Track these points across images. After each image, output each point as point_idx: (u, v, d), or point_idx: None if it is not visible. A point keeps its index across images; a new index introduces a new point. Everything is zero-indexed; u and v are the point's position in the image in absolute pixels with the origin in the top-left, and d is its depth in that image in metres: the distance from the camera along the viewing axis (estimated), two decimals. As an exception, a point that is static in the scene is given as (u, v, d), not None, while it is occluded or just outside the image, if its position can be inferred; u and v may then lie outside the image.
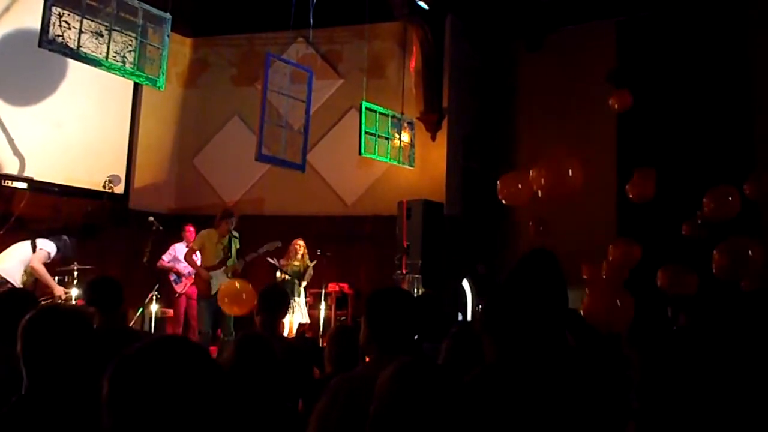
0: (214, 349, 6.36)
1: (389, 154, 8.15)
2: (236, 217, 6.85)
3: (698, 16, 7.74)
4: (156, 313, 7.40)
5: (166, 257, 7.98)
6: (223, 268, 6.66)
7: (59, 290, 6.25)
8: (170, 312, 7.87)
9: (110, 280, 3.55)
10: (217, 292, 6.35)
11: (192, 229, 7.94)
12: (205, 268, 6.65)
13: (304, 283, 7.82)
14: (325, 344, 7.57)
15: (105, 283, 3.48)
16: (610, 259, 5.82)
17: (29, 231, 7.28)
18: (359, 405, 2.01)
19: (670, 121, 7.66)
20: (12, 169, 7.62)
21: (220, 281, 6.50)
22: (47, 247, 6.22)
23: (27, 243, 6.23)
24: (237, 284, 5.44)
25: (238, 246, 6.88)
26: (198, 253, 6.77)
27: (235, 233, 6.85)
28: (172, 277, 7.96)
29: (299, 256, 7.80)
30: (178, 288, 7.92)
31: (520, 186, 5.56)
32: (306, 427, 2.05)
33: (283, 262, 7.76)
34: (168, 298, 7.94)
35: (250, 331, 3.25)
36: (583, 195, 7.88)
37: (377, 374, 2.11)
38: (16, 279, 6.03)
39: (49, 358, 1.84)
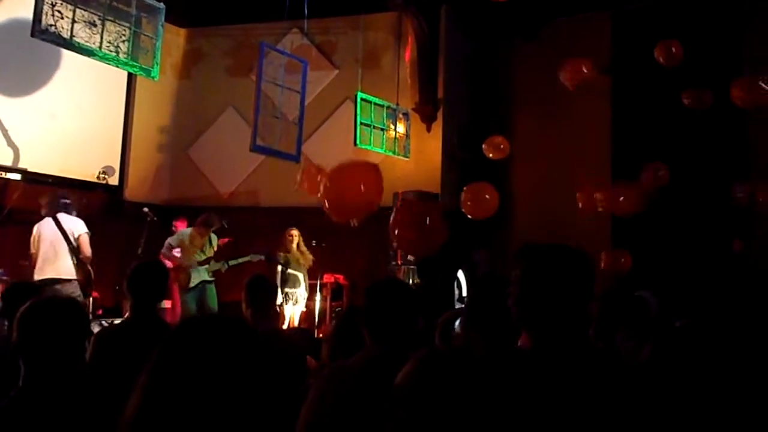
0: None
1: (384, 145, 8.14)
2: (218, 224, 7.22)
3: (694, 7, 7.74)
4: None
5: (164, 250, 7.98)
6: (206, 266, 7.04)
7: None
8: (168, 302, 7.84)
9: (263, 279, 3.57)
10: (197, 285, 7.00)
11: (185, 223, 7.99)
12: (187, 264, 7.03)
13: (301, 276, 7.78)
14: (321, 335, 7.66)
15: (259, 282, 3.50)
16: (602, 266, 6.02)
17: (23, 223, 7.26)
18: (351, 394, 2.02)
19: (665, 113, 7.67)
20: (5, 160, 7.58)
21: (202, 277, 7.01)
22: (83, 228, 6.06)
23: (52, 230, 6.00)
24: None
25: (215, 246, 7.29)
26: (179, 249, 7.12)
27: (213, 234, 7.26)
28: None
29: (294, 246, 7.78)
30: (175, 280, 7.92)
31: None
32: (298, 417, 2.06)
33: (281, 253, 7.76)
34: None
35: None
36: (577, 188, 7.95)
37: (368, 364, 2.12)
38: (74, 273, 5.95)
39: (45, 349, 1.83)
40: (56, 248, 5.95)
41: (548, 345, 1.63)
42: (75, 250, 5.94)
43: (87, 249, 5.99)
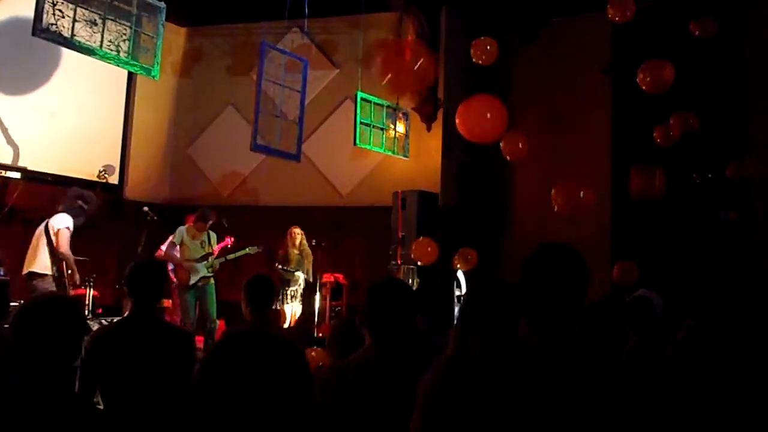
0: (200, 339, 6.48)
1: (384, 144, 8.15)
2: (214, 218, 7.20)
3: (694, 6, 7.73)
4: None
5: (164, 247, 7.95)
6: (204, 262, 7.05)
7: (78, 279, 5.96)
8: (168, 302, 7.83)
9: (265, 278, 3.58)
10: (197, 282, 6.99)
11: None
12: (185, 261, 7.04)
13: (302, 275, 7.78)
14: (321, 335, 7.66)
15: (259, 281, 3.51)
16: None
17: (23, 221, 7.26)
18: (351, 393, 2.03)
19: (665, 112, 7.66)
20: (6, 158, 7.58)
21: (201, 273, 7.01)
22: (63, 223, 5.89)
23: (42, 227, 5.94)
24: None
25: (215, 243, 7.29)
26: (178, 246, 7.10)
27: (211, 231, 7.25)
28: (171, 267, 7.95)
29: (297, 243, 7.79)
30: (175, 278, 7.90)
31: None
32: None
33: (281, 252, 7.78)
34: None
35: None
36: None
37: (368, 363, 2.12)
38: (49, 269, 5.86)
39: (39, 348, 1.82)
40: (38, 242, 5.93)
41: (552, 341, 1.66)
42: (52, 244, 5.88)
43: (62, 244, 5.80)
